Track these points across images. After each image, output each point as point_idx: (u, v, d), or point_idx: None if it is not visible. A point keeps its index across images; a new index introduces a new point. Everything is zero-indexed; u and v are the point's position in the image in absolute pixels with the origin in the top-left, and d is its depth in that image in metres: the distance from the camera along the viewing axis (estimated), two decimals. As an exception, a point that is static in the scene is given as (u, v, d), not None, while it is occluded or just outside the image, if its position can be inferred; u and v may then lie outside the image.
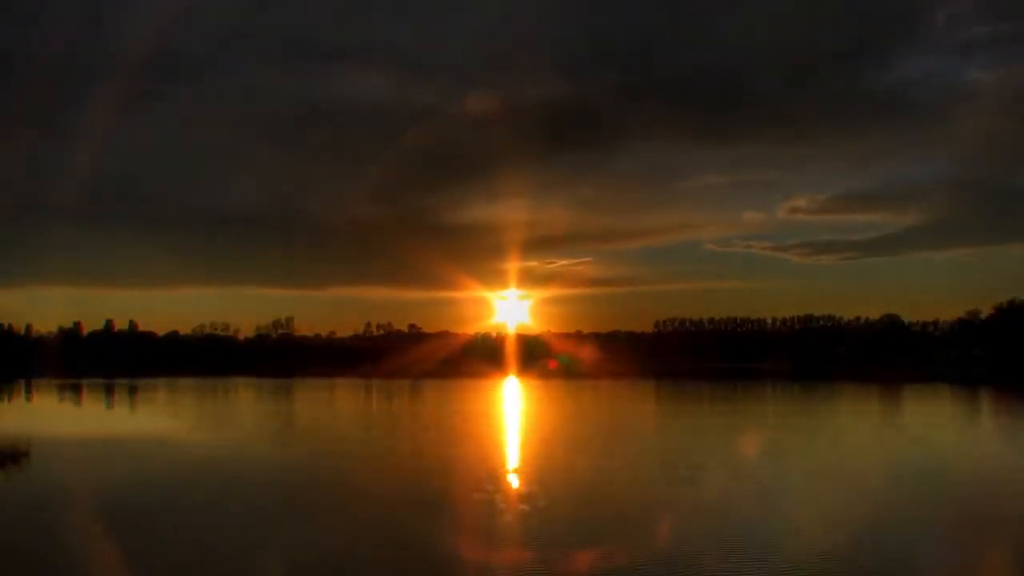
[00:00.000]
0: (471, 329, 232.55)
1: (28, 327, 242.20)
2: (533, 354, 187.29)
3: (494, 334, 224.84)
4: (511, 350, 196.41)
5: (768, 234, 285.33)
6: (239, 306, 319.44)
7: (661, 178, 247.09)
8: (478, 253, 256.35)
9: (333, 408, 56.01)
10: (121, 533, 14.99)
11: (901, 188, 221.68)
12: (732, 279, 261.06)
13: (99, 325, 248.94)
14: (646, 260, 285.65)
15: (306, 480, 21.89)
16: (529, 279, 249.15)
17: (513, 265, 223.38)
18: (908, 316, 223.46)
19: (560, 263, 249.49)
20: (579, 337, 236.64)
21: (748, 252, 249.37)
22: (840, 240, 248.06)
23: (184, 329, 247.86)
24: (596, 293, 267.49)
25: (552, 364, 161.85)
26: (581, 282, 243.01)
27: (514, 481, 21.32)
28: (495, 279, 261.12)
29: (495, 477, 21.73)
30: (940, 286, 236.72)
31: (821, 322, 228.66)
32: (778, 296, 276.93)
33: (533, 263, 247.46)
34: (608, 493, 19.36)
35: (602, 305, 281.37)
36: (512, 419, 44.40)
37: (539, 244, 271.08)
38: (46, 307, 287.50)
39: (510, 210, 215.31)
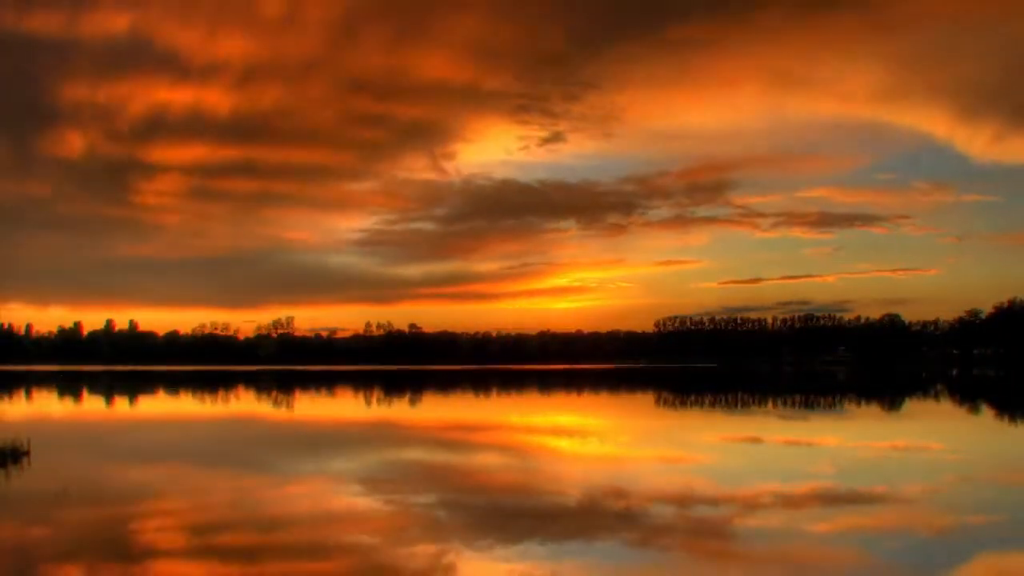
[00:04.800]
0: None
1: (28, 327, 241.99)
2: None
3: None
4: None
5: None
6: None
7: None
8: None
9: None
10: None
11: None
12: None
13: (99, 325, 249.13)
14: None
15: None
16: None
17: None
18: (908, 316, 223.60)
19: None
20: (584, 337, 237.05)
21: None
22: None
23: (184, 329, 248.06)
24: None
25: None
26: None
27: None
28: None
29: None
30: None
31: (821, 322, 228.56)
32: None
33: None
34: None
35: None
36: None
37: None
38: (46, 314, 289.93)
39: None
